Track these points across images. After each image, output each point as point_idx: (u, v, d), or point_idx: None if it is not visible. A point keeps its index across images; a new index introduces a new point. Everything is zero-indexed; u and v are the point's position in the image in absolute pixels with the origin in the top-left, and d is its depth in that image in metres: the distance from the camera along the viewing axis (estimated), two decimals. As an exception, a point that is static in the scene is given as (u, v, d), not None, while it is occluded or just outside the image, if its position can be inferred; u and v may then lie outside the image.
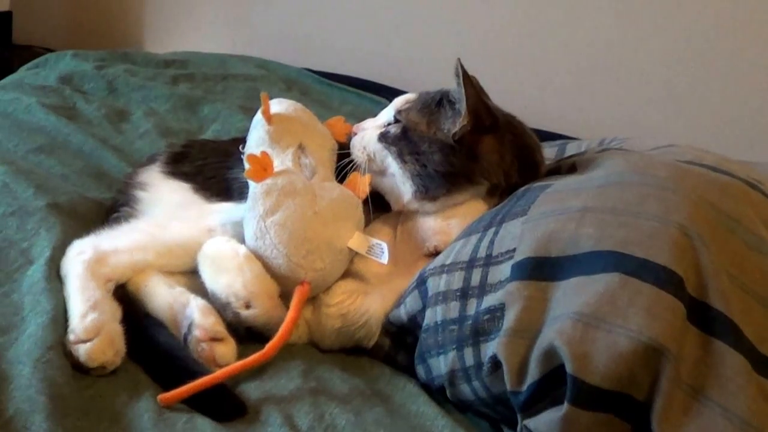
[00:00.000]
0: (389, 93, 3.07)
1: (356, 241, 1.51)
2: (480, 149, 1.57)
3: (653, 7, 2.98)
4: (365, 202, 1.60)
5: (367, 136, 1.66)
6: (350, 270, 1.56)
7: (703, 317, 1.21)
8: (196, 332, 1.39)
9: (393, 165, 1.60)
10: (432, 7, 3.41)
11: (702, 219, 1.30)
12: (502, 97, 1.70)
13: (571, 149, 1.80)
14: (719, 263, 1.25)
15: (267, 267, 1.48)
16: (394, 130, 1.63)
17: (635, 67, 3.04)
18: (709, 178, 1.43)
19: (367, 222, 1.61)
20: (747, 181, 1.46)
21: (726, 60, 2.89)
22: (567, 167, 1.58)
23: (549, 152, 1.85)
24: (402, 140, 1.61)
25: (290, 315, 1.41)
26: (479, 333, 1.33)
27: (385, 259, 1.49)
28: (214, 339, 1.39)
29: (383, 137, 1.63)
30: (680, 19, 2.94)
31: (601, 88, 3.09)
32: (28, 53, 3.63)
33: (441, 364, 1.40)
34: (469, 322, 1.35)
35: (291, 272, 1.46)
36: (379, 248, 1.49)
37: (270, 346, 1.37)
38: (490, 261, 1.39)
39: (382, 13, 3.51)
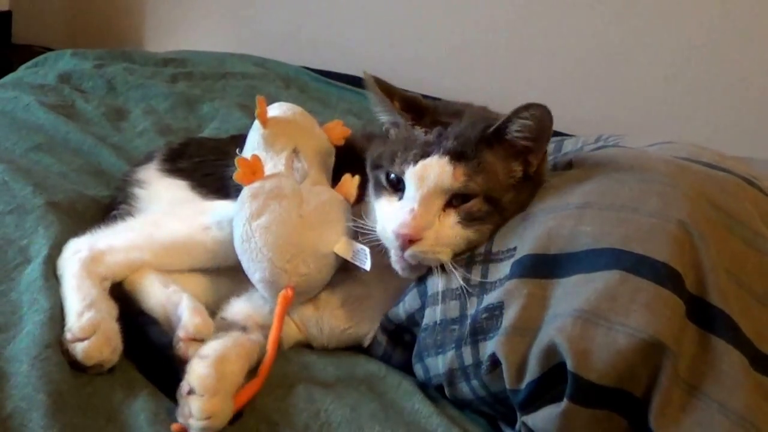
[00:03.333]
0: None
1: (342, 246, 1.50)
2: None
3: (651, 5, 2.99)
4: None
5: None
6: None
7: (702, 314, 1.22)
8: (180, 332, 1.38)
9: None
10: (430, 6, 3.42)
11: (701, 216, 1.31)
12: (501, 94, 1.70)
13: (568, 146, 1.80)
14: (718, 260, 1.26)
15: (252, 271, 1.48)
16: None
17: (633, 65, 3.05)
18: (707, 175, 1.44)
19: None
20: (744, 177, 1.46)
21: (723, 57, 2.90)
22: (564, 164, 1.58)
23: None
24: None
25: (274, 333, 1.39)
26: (478, 332, 1.33)
27: (367, 265, 1.47)
28: (194, 339, 1.37)
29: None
30: (678, 16, 2.95)
31: (599, 86, 3.10)
32: (28, 52, 3.63)
33: (439, 364, 1.40)
34: (469, 321, 1.35)
35: (275, 277, 1.46)
36: (363, 254, 1.47)
37: (262, 371, 1.35)
38: (489, 259, 1.40)
39: (380, 12, 3.52)
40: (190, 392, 1.23)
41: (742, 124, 2.90)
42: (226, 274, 1.57)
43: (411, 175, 1.42)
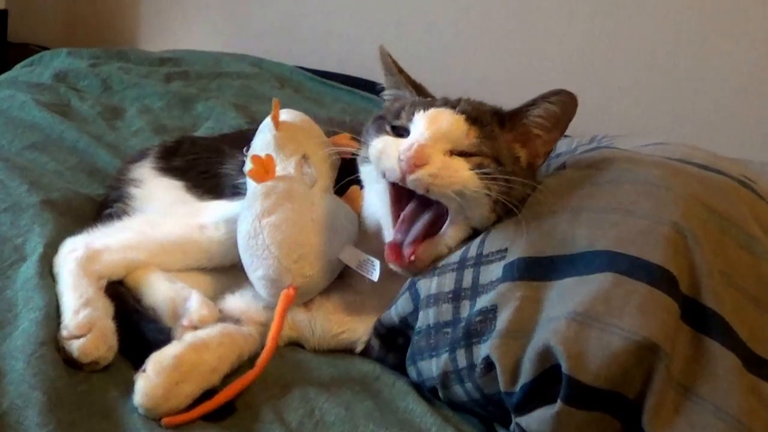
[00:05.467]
0: (381, 90, 3.10)
1: (348, 254, 1.50)
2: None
3: (647, 4, 2.99)
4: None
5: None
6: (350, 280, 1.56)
7: (696, 316, 1.22)
8: (183, 320, 1.40)
9: None
10: (424, 5, 3.42)
11: (695, 217, 1.31)
12: (498, 91, 1.70)
13: (562, 146, 1.80)
14: (712, 262, 1.26)
15: (255, 267, 1.48)
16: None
17: (628, 65, 3.06)
18: (701, 177, 1.44)
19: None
20: (738, 179, 1.46)
21: (717, 58, 2.91)
22: (558, 166, 1.58)
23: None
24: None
25: (275, 328, 1.39)
26: (471, 335, 1.32)
27: (375, 276, 1.46)
28: (195, 328, 1.39)
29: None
30: (672, 15, 2.95)
31: (594, 85, 3.10)
32: (24, 51, 3.64)
33: (432, 367, 1.39)
34: (462, 324, 1.35)
35: (279, 275, 1.45)
36: (371, 264, 1.47)
37: (260, 362, 1.35)
38: (480, 260, 1.39)
39: (374, 12, 3.52)
40: (143, 371, 1.25)
41: (738, 124, 2.91)
42: (221, 272, 1.58)
43: (421, 117, 1.44)
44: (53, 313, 1.37)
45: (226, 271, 1.55)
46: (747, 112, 2.90)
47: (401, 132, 1.48)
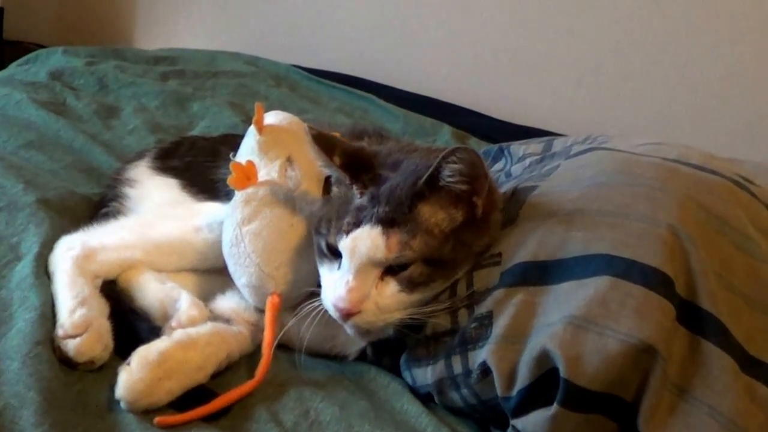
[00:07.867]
0: (377, 89, 3.09)
1: None
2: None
3: (644, 6, 3.00)
4: None
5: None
6: None
7: (692, 318, 1.22)
8: (173, 321, 1.40)
9: None
10: (420, 5, 3.42)
11: (690, 219, 1.31)
12: (490, 90, 1.70)
13: (558, 145, 1.79)
14: (708, 263, 1.26)
15: (239, 275, 1.48)
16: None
17: (624, 65, 3.06)
18: (697, 178, 1.44)
19: None
20: (734, 180, 1.46)
21: (714, 59, 2.91)
22: (552, 167, 1.58)
23: (536, 148, 1.86)
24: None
25: (268, 338, 1.40)
26: (467, 341, 1.33)
27: None
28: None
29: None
30: (668, 17, 2.96)
31: (591, 85, 3.11)
32: (20, 49, 3.63)
33: (428, 374, 1.39)
34: (459, 331, 1.35)
35: (262, 283, 1.46)
36: None
37: (258, 374, 1.36)
38: (473, 266, 1.39)
39: (370, 11, 3.52)
40: (128, 364, 1.26)
41: (736, 125, 2.91)
42: (212, 272, 1.58)
43: (343, 247, 1.35)
44: (49, 312, 1.37)
45: (218, 272, 1.55)
46: (745, 114, 2.90)
47: (336, 252, 1.39)
